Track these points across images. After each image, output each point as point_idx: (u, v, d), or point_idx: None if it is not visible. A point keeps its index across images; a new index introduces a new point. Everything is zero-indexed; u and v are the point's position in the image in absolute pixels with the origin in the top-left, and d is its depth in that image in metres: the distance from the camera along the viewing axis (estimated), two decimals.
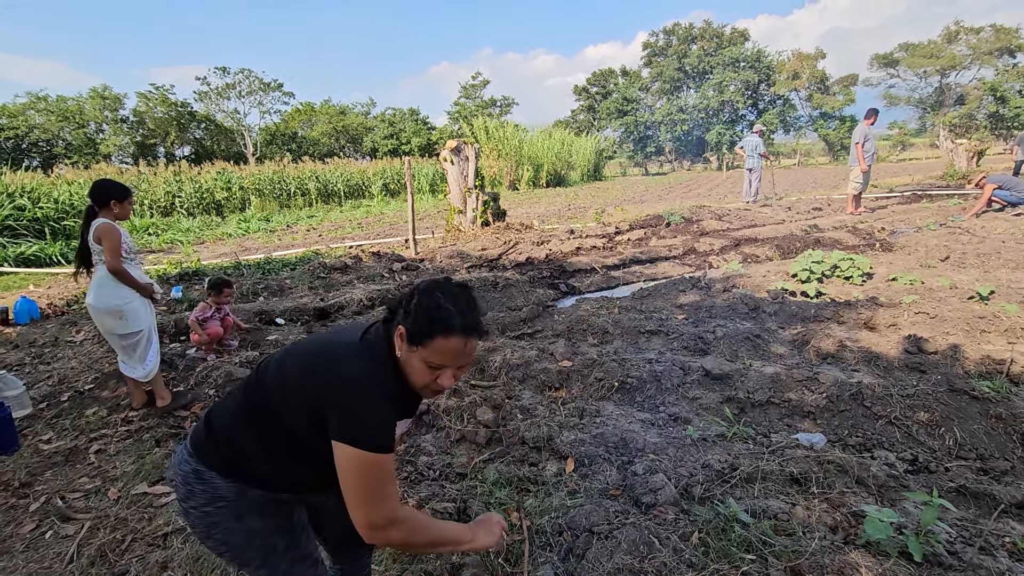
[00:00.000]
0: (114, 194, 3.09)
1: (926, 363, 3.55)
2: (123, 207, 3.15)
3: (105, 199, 3.08)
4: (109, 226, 3.02)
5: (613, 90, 52.74)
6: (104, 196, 3.08)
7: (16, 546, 2.23)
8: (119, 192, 3.12)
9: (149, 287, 3.23)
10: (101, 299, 3.09)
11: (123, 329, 3.14)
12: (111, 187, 3.10)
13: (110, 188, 3.10)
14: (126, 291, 3.12)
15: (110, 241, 3.01)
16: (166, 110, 41.97)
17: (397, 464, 2.67)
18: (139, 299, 3.19)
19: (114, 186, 3.12)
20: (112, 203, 3.09)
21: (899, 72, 45.02)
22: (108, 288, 3.08)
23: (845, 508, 2.12)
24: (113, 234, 3.01)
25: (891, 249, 7.26)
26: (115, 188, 3.11)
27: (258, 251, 9.83)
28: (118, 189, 3.12)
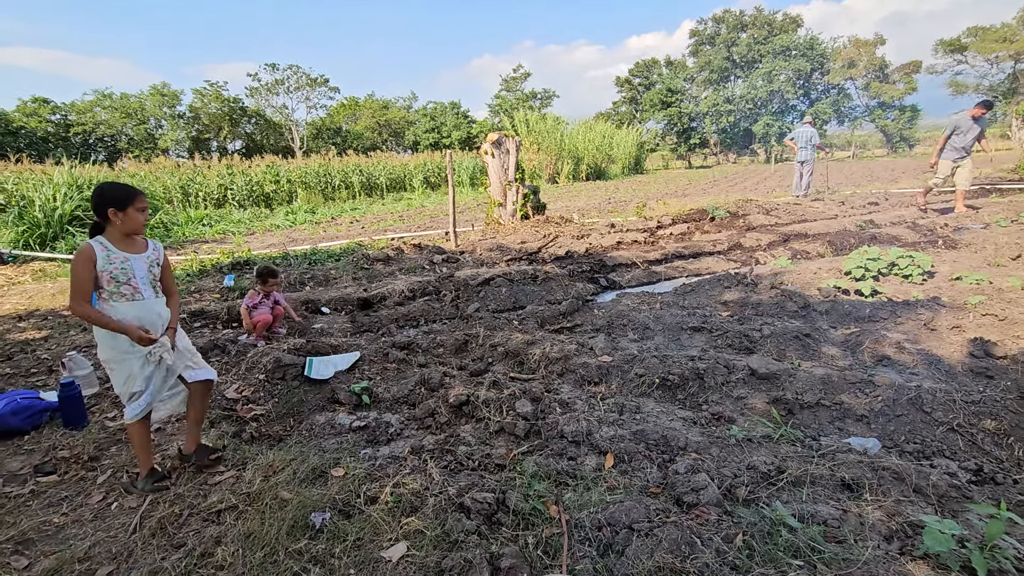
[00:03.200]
0: (114, 201, 2.32)
1: (994, 368, 3.33)
2: (127, 216, 2.33)
3: (103, 210, 2.32)
4: (79, 251, 2.28)
5: (656, 81, 51.62)
6: (102, 207, 2.32)
7: (85, 515, 2.39)
8: (119, 198, 2.32)
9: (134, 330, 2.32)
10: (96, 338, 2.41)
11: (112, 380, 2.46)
12: (107, 193, 2.33)
13: (106, 195, 2.32)
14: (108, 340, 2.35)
15: (71, 269, 2.29)
16: (219, 106, 43.76)
17: (437, 452, 2.71)
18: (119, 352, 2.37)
19: (112, 191, 2.34)
20: (111, 213, 2.31)
21: (967, 58, 42.17)
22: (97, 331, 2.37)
23: (901, 517, 2.02)
24: (76, 260, 2.26)
25: (955, 247, 6.84)
26: (113, 193, 2.33)
27: (304, 242, 10.14)
28: (117, 194, 2.33)
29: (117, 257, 2.34)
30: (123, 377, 2.40)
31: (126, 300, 2.36)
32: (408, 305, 5.64)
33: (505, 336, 4.38)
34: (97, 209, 2.33)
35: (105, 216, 2.32)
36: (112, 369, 2.40)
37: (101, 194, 2.33)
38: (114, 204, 2.31)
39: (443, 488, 2.34)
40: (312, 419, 3.27)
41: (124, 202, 2.32)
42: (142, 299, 2.40)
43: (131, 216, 2.34)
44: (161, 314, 2.49)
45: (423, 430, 3.08)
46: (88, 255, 2.27)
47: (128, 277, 2.36)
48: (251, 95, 47.52)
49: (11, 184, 12.04)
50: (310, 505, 2.26)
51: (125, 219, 2.33)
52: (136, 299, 2.39)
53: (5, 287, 7.17)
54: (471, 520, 2.12)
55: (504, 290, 5.84)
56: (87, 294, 2.29)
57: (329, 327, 4.95)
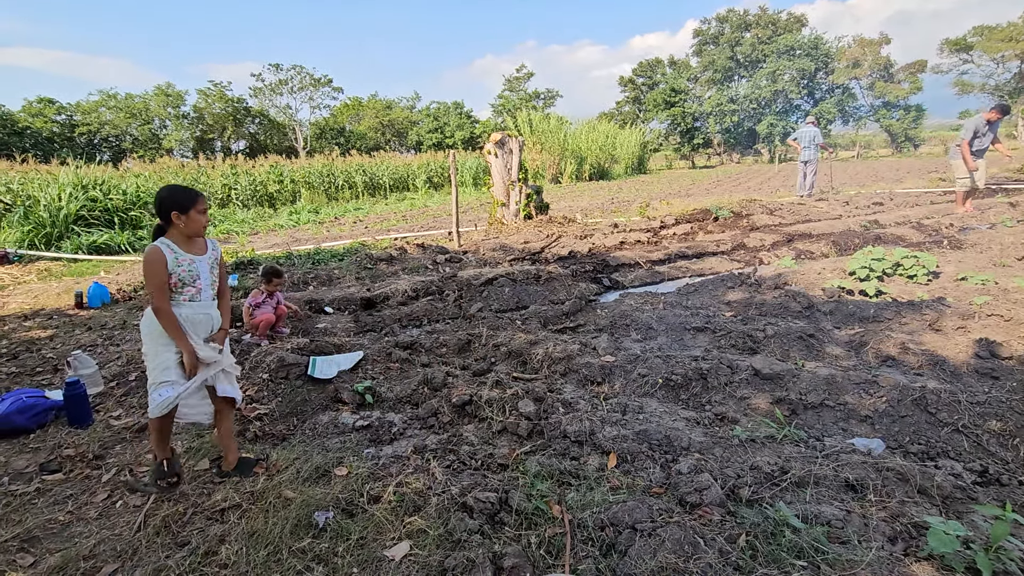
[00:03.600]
0: (177, 204, 2.33)
1: (999, 369, 3.31)
2: (189, 219, 2.34)
3: (167, 212, 2.33)
4: (149, 253, 2.29)
5: (660, 81, 51.56)
6: (166, 209, 2.33)
7: (90, 513, 2.40)
8: (181, 201, 2.33)
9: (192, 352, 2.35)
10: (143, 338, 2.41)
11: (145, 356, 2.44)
12: (170, 197, 2.35)
13: (168, 198, 2.34)
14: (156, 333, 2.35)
15: (145, 271, 2.31)
16: (223, 106, 43.93)
17: (440, 452, 2.72)
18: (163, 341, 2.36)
19: (174, 195, 2.35)
20: (174, 216, 2.33)
21: (973, 57, 41.98)
22: (144, 321, 2.39)
23: (905, 518, 2.02)
24: (148, 262, 2.29)
25: (960, 247, 6.81)
26: (175, 196, 2.34)
27: (308, 242, 10.16)
28: (179, 197, 2.34)
29: (184, 259, 2.36)
30: (158, 362, 2.36)
31: (186, 301, 2.37)
32: (411, 305, 5.65)
33: (508, 336, 4.38)
34: (160, 212, 2.34)
35: (168, 219, 2.34)
36: (149, 353, 2.38)
37: (164, 198, 2.34)
38: (176, 207, 2.32)
39: (446, 487, 2.34)
40: (316, 418, 3.28)
41: (186, 205, 2.33)
42: (200, 300, 2.41)
43: (193, 219, 2.35)
44: (213, 315, 2.50)
45: (426, 430, 3.08)
46: (158, 257, 2.29)
47: (194, 279, 2.38)
48: (255, 95, 47.71)
49: (17, 184, 12.10)
50: (313, 504, 2.27)
51: (188, 222, 2.35)
52: (195, 300, 2.40)
53: (11, 286, 7.21)
54: (474, 519, 2.12)
55: (507, 290, 5.84)
56: (166, 291, 2.32)
57: (332, 327, 4.96)
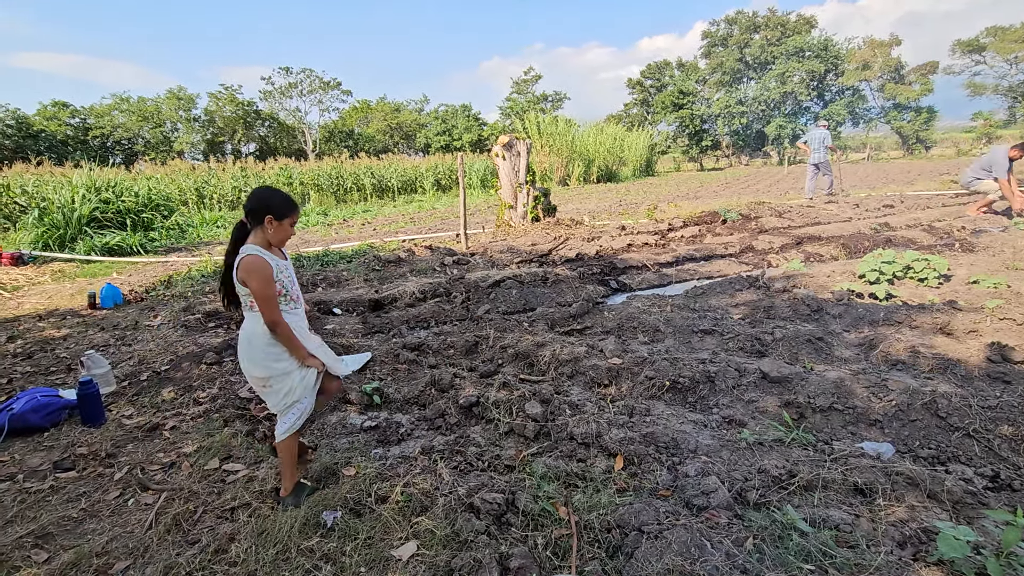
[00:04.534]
0: (274, 208, 2.19)
1: (1012, 373, 3.28)
2: (280, 227, 2.22)
3: (261, 214, 2.18)
4: (257, 261, 2.14)
5: (668, 83, 51.39)
6: (262, 210, 2.18)
7: (103, 511, 2.44)
8: (281, 206, 2.20)
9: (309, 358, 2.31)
10: (248, 357, 2.26)
11: (266, 397, 2.34)
12: (272, 199, 2.20)
13: (270, 200, 2.20)
14: (279, 352, 2.24)
15: (259, 282, 2.12)
16: (234, 109, 44.36)
17: (447, 452, 2.73)
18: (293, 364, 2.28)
19: (277, 199, 2.21)
20: (268, 220, 2.18)
21: (985, 59, 41.51)
22: (257, 346, 2.22)
23: (915, 523, 2.00)
24: (262, 272, 2.13)
25: (972, 249, 6.74)
26: (276, 201, 2.21)
27: (316, 244, 10.23)
28: (280, 203, 2.21)
29: (281, 265, 2.26)
30: (282, 392, 2.27)
31: (291, 310, 2.28)
32: (419, 307, 5.68)
33: (515, 338, 4.39)
34: (254, 212, 2.19)
35: (260, 220, 2.19)
36: (269, 387, 2.27)
37: (264, 198, 2.20)
38: (273, 212, 2.19)
39: (453, 488, 2.35)
40: (324, 419, 3.30)
41: (283, 213, 2.21)
42: (298, 308, 2.34)
43: (284, 228, 2.24)
44: (305, 321, 2.46)
45: (433, 431, 3.10)
46: (267, 265, 2.16)
47: (292, 286, 2.30)
48: (265, 98, 48.15)
49: (32, 186, 12.30)
50: (322, 504, 2.29)
51: (278, 229, 2.22)
52: (295, 310, 2.30)
53: (26, 287, 7.33)
54: (480, 520, 2.13)
55: (514, 292, 5.86)
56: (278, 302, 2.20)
57: (341, 328, 5.00)
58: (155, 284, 7.03)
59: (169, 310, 5.69)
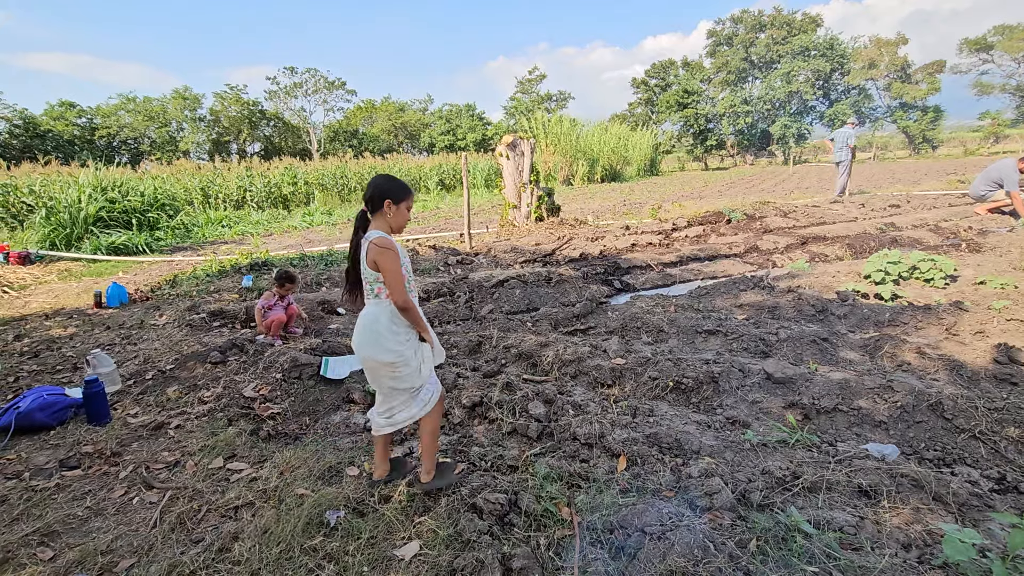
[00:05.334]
0: (391, 192, 2.25)
1: (1019, 375, 3.25)
2: (399, 211, 2.28)
3: (380, 200, 2.24)
4: (387, 244, 2.17)
5: (673, 82, 51.27)
6: (380, 195, 2.23)
7: (108, 508, 2.45)
8: (398, 191, 2.26)
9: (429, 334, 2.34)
10: (373, 344, 2.24)
11: (395, 384, 2.30)
12: (390, 184, 2.27)
13: (388, 185, 2.26)
14: (403, 336, 2.26)
15: (391, 264, 2.16)
16: (239, 109, 44.53)
17: (450, 453, 2.73)
18: (417, 347, 2.32)
19: (395, 183, 2.28)
20: (387, 204, 2.24)
21: (993, 57, 41.23)
22: (384, 332, 2.23)
23: (920, 525, 1.99)
24: (392, 255, 2.17)
25: (979, 250, 6.69)
26: (394, 185, 2.27)
27: (321, 243, 10.26)
28: (397, 187, 2.27)
29: (403, 250, 2.27)
30: (410, 376, 2.29)
31: (412, 293, 2.29)
32: (423, 306, 5.69)
33: (519, 338, 4.39)
34: (374, 198, 2.24)
35: (379, 206, 2.24)
36: (397, 373, 2.26)
37: (380, 184, 2.25)
38: (392, 196, 2.24)
39: (456, 488, 2.35)
40: (328, 418, 3.31)
41: (400, 197, 2.26)
42: (413, 292, 2.32)
43: (402, 212, 2.29)
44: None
45: None
46: (395, 246, 2.20)
47: (411, 270, 2.33)
48: (270, 98, 48.34)
49: (39, 186, 12.38)
50: (325, 503, 2.29)
51: (397, 214, 2.27)
52: (412, 293, 2.29)
53: (32, 286, 7.38)
54: (483, 520, 2.13)
55: (518, 292, 5.85)
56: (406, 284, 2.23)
57: (345, 327, 5.01)
58: (160, 283, 7.06)
59: (174, 309, 5.71)
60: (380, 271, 2.18)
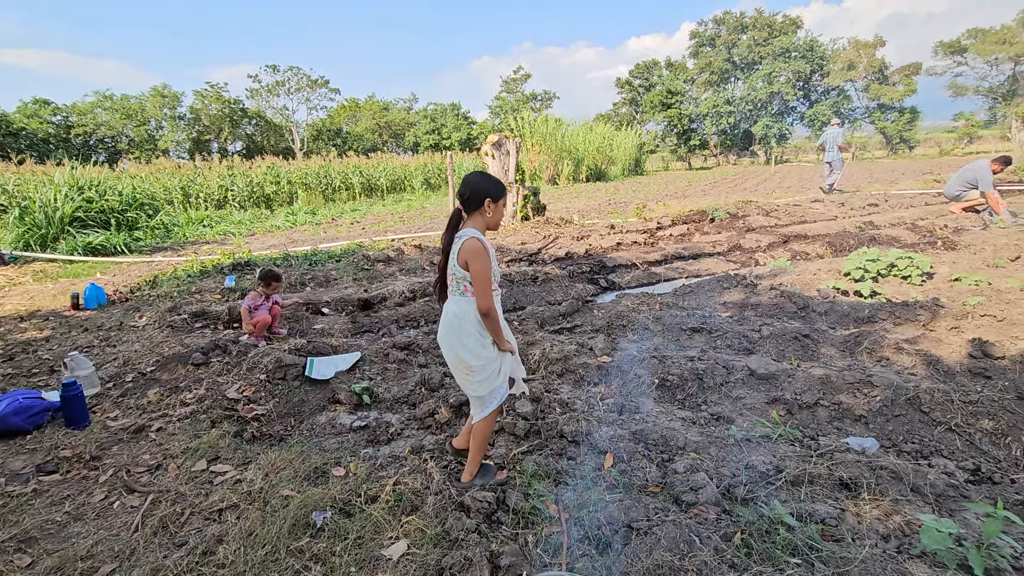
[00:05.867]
0: (491, 191, 2.24)
1: (992, 368, 3.34)
2: (497, 208, 2.28)
3: (479, 198, 2.23)
4: (479, 245, 2.17)
5: (657, 82, 51.65)
6: (479, 194, 2.23)
7: (88, 513, 2.40)
8: (496, 189, 2.26)
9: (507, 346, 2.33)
10: (458, 343, 2.26)
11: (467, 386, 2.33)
12: (488, 182, 2.26)
13: (486, 183, 2.25)
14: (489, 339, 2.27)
15: (481, 265, 2.15)
16: (220, 107, 43.85)
17: (437, 452, 2.73)
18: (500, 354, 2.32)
19: (492, 181, 2.27)
20: (487, 203, 2.24)
21: (967, 60, 42.23)
22: (470, 332, 2.24)
23: (899, 516, 2.04)
24: (484, 255, 2.17)
25: (955, 248, 6.86)
26: (491, 183, 2.26)
27: (305, 243, 10.15)
28: (496, 185, 2.26)
29: (493, 252, 2.26)
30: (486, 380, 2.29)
31: (496, 297, 2.30)
32: (409, 306, 5.66)
33: None
34: (473, 198, 2.23)
35: (479, 205, 2.24)
36: (471, 375, 2.28)
37: (478, 183, 2.24)
38: (491, 194, 2.24)
39: (443, 487, 2.35)
40: (313, 419, 3.28)
41: (498, 195, 2.26)
42: (497, 292, 2.33)
43: (499, 209, 2.29)
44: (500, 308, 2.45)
45: (423, 430, 3.09)
46: (487, 249, 2.19)
47: (498, 273, 2.33)
48: (252, 96, 47.69)
49: (12, 185, 12.07)
50: (311, 504, 2.28)
51: (495, 211, 2.27)
52: (496, 293, 2.30)
53: (6, 288, 7.19)
54: (471, 519, 2.13)
55: (504, 291, 5.86)
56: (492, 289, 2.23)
57: (330, 328, 4.97)
58: (140, 284, 6.93)
59: (155, 310, 5.61)
60: (470, 272, 2.17)
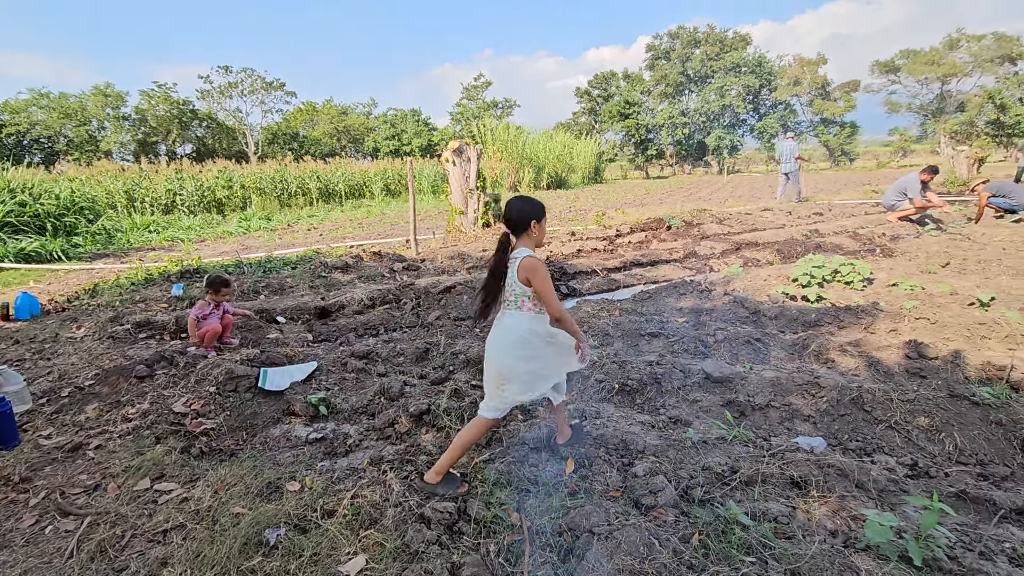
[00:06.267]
0: (535, 213, 2.43)
1: (927, 368, 3.55)
2: (541, 227, 2.48)
3: (526, 221, 2.41)
4: (537, 262, 2.37)
5: (615, 93, 52.77)
6: (526, 217, 2.41)
7: (16, 540, 2.23)
8: (539, 210, 2.46)
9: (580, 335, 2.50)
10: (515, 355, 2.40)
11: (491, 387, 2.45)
12: (532, 205, 2.45)
13: (530, 206, 2.44)
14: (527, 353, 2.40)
15: (543, 279, 2.35)
16: (168, 108, 42.04)
17: (397, 462, 2.67)
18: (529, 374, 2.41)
19: (535, 204, 2.47)
20: (532, 224, 2.43)
21: (900, 79, 45.10)
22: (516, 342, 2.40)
23: (845, 512, 2.13)
24: (544, 273, 2.37)
25: (892, 255, 7.27)
26: (536, 206, 2.46)
27: (259, 250, 9.83)
28: (539, 207, 2.47)
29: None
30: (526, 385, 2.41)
31: (535, 311, 2.45)
32: (367, 314, 5.55)
33: (467, 344, 4.37)
34: (520, 222, 2.41)
35: (527, 227, 2.42)
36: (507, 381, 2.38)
37: (522, 208, 2.43)
38: (536, 216, 2.43)
39: (403, 499, 2.30)
40: (267, 432, 3.17)
41: (541, 215, 2.45)
42: (542, 311, 2.48)
43: (543, 227, 2.49)
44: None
45: (383, 440, 3.03)
46: (543, 264, 2.40)
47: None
48: (203, 98, 45.97)
49: None
50: (264, 521, 2.19)
51: (540, 230, 2.47)
52: (543, 311, 2.48)
53: None
54: (431, 530, 2.10)
55: (465, 297, 5.83)
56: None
57: (285, 337, 4.82)
58: (79, 293, 6.54)
59: (94, 321, 5.30)
60: (533, 287, 2.36)
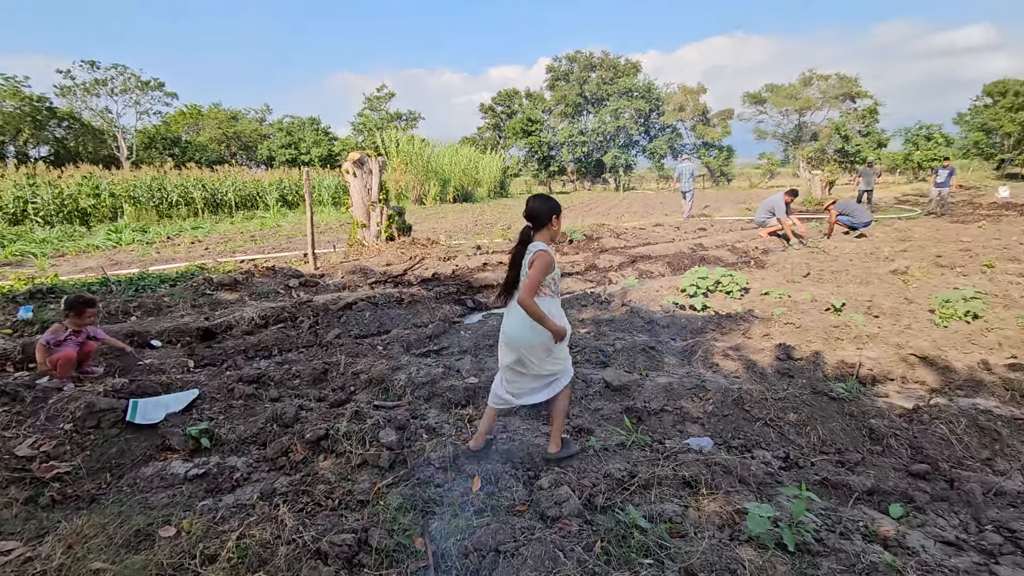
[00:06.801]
0: (556, 209, 2.64)
1: (794, 369, 3.96)
2: (560, 222, 2.70)
3: (547, 216, 2.61)
4: (546, 255, 2.54)
5: (518, 110, 54.22)
6: (546, 213, 2.60)
7: None
8: (558, 207, 2.66)
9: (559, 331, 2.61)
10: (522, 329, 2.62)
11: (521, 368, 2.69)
12: (551, 202, 2.64)
13: (550, 203, 2.63)
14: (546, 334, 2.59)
15: (538, 269, 2.52)
16: (18, 104, 36.71)
17: (291, 494, 2.49)
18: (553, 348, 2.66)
19: (552, 201, 2.65)
20: (553, 219, 2.63)
21: (766, 110, 50.79)
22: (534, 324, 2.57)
23: (730, 506, 2.29)
24: (547, 262, 2.54)
25: (764, 266, 8.09)
26: (554, 203, 2.65)
27: (131, 265, 8.83)
28: (556, 204, 2.66)
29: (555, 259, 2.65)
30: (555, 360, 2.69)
31: (550, 296, 2.66)
32: (259, 334, 5.17)
33: (368, 363, 4.21)
34: (541, 216, 2.62)
35: (547, 222, 2.62)
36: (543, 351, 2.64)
37: (540, 205, 2.62)
38: (556, 212, 2.64)
39: (297, 534, 2.14)
40: (136, 472, 2.82)
41: (560, 211, 2.67)
42: (555, 296, 2.70)
43: (560, 222, 2.70)
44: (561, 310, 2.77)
45: (275, 471, 2.81)
46: (552, 258, 2.59)
47: (559, 279, 2.74)
48: (63, 95, 40.67)
49: None
50: (130, 575, 1.92)
51: (557, 225, 2.67)
52: (555, 296, 2.70)
53: None
54: (329, 566, 1.97)
55: (368, 314, 5.63)
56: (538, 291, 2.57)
57: (161, 362, 4.34)
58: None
59: None
60: (531, 270, 2.53)
